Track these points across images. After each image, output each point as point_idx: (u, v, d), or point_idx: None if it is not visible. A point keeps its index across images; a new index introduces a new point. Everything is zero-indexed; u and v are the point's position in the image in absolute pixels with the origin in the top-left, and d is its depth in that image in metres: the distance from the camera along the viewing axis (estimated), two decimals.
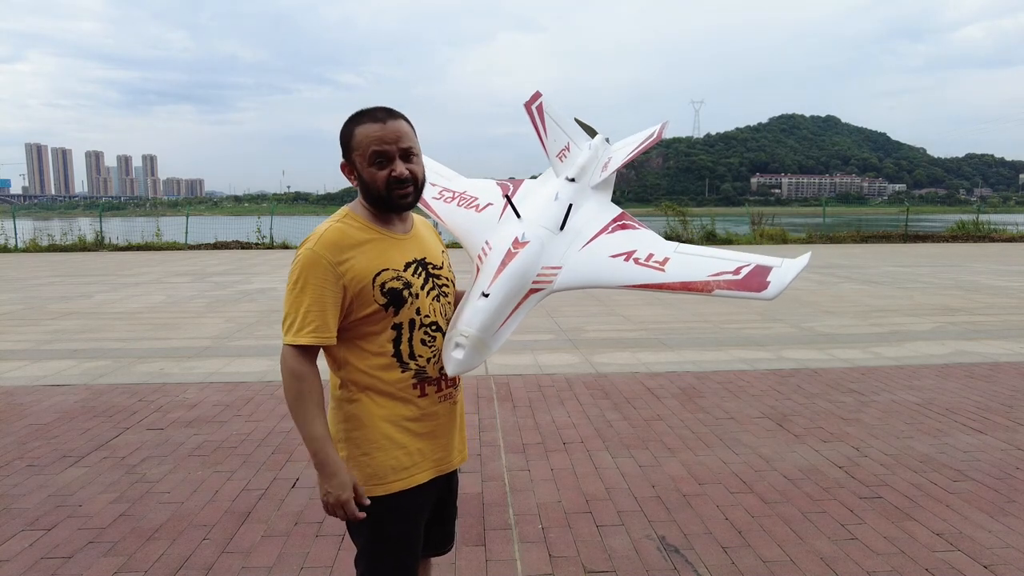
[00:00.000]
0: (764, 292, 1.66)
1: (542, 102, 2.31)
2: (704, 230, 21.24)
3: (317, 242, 1.58)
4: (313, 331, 1.54)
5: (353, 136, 1.62)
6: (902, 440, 4.05)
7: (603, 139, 2.44)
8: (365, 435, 1.63)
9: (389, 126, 1.60)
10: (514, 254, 1.82)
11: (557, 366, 5.90)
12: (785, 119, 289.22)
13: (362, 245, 1.61)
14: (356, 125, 1.62)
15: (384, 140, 1.59)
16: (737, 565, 2.70)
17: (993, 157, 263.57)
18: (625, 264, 1.86)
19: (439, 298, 1.73)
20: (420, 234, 1.78)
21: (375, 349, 1.63)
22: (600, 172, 2.25)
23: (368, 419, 1.63)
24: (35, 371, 5.78)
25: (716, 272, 1.75)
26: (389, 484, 1.64)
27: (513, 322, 1.78)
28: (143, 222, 28.04)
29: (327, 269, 1.55)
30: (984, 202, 71.28)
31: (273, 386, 5.26)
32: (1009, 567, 2.65)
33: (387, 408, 1.64)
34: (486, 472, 3.62)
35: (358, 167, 1.63)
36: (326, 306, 1.55)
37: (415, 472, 1.68)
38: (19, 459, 3.82)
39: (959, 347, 6.48)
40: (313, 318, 1.54)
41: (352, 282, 1.57)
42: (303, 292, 1.55)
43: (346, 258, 1.57)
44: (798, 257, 1.75)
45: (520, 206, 2.04)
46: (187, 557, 2.77)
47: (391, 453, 1.64)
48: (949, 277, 11.91)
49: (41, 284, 11.74)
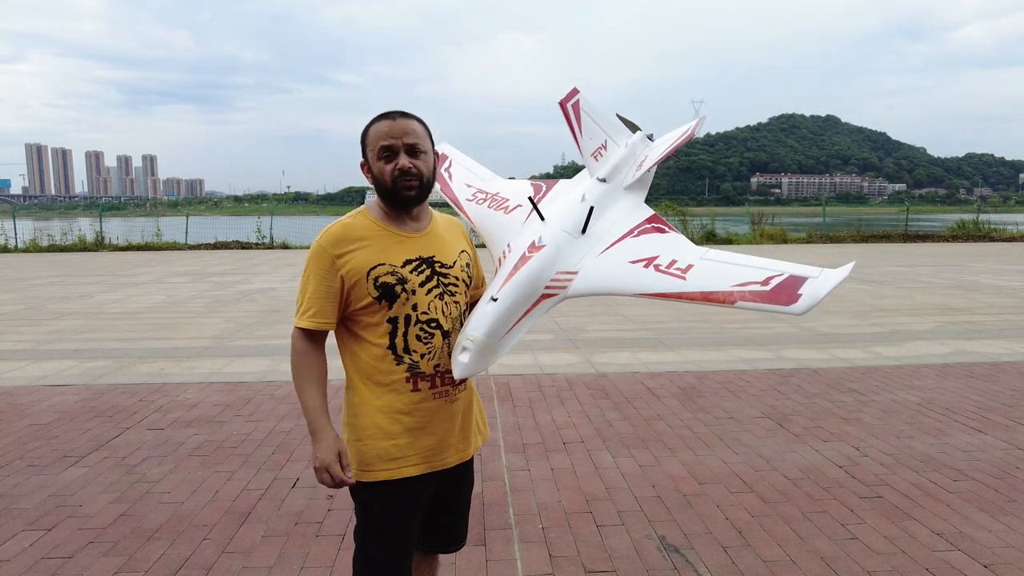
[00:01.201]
0: (793, 306, 1.51)
1: (579, 99, 2.18)
2: (704, 230, 21.23)
3: (323, 236, 1.70)
4: (312, 316, 1.68)
5: (367, 135, 1.71)
6: (902, 440, 4.05)
7: (643, 136, 2.32)
8: (360, 422, 1.72)
9: (398, 123, 1.68)
10: (528, 258, 1.80)
11: (557, 366, 5.90)
12: (785, 119, 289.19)
13: (364, 240, 1.70)
14: (372, 124, 1.71)
15: (391, 135, 1.67)
16: (737, 565, 2.70)
17: (993, 157, 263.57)
18: (644, 271, 1.76)
19: (443, 296, 1.75)
20: (437, 233, 1.81)
21: (373, 340, 1.71)
22: (635, 171, 2.15)
23: (363, 407, 1.72)
24: (35, 371, 5.78)
25: (742, 282, 1.62)
26: (376, 472, 1.71)
27: (522, 328, 1.76)
28: (143, 222, 28.06)
29: (328, 261, 1.67)
30: (984, 202, 71.33)
31: (273, 386, 5.27)
32: (1009, 566, 2.65)
33: (382, 399, 1.71)
34: (486, 472, 3.62)
35: (371, 163, 1.71)
36: (325, 294, 1.68)
37: (404, 465, 1.72)
38: (19, 459, 3.82)
39: (959, 347, 6.48)
40: (312, 304, 1.68)
41: (349, 274, 1.67)
42: (308, 281, 1.69)
43: (346, 251, 1.67)
44: (839, 268, 1.60)
45: (547, 208, 1.98)
46: (187, 557, 2.77)
47: (379, 442, 1.70)
48: (949, 277, 11.91)
49: (41, 284, 11.74)
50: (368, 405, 1.71)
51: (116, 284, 11.69)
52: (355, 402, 1.73)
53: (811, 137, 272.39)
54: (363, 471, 1.71)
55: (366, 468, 1.71)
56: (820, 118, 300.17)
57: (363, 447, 1.71)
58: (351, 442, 1.73)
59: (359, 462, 1.71)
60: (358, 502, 1.78)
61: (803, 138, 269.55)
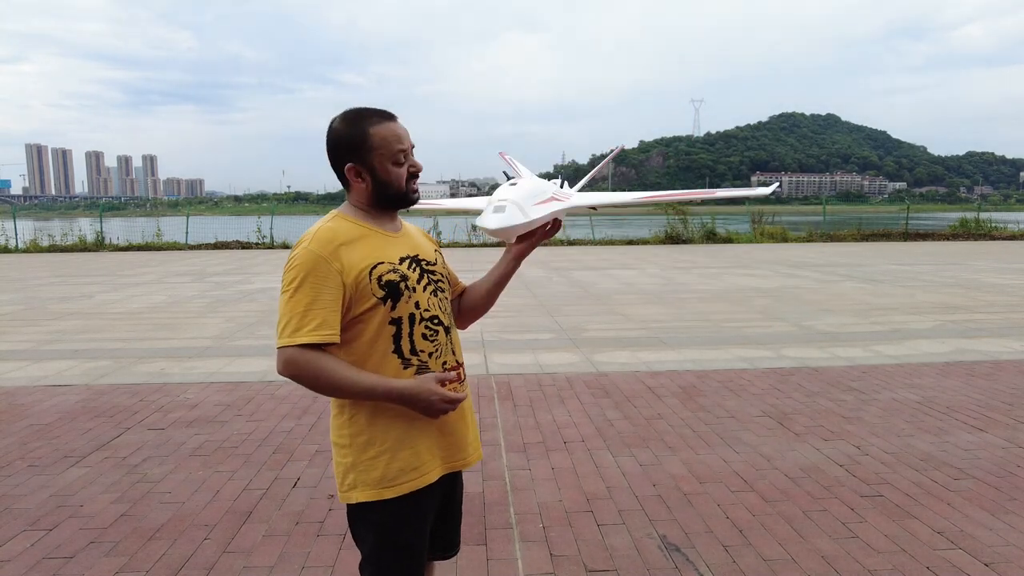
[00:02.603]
0: None
1: None
2: (704, 228, 21.23)
3: (312, 241, 1.56)
4: (314, 329, 1.51)
5: (369, 136, 1.60)
6: (903, 438, 4.05)
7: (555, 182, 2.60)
8: (371, 438, 1.61)
9: (400, 124, 1.65)
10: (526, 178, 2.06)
11: (558, 365, 5.90)
12: (785, 117, 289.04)
13: (356, 241, 1.60)
14: (369, 125, 1.61)
15: (403, 138, 1.64)
16: (738, 564, 2.70)
17: (994, 155, 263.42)
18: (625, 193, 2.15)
19: (436, 293, 1.72)
20: (411, 234, 1.78)
21: (376, 347, 1.61)
22: None
23: (374, 421, 1.61)
24: (36, 371, 5.78)
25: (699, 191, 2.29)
26: (400, 486, 1.62)
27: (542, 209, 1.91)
28: (143, 222, 28.08)
29: (326, 267, 1.53)
30: (985, 200, 71.19)
31: (274, 386, 5.27)
32: (1010, 565, 2.65)
33: (392, 408, 1.61)
34: (487, 471, 3.62)
35: (376, 167, 1.62)
36: (327, 303, 1.53)
37: (425, 472, 1.65)
38: (20, 459, 3.82)
39: (960, 345, 6.47)
40: (315, 316, 1.52)
41: (349, 277, 1.56)
42: (301, 291, 1.52)
43: (342, 254, 1.56)
44: None
45: None
46: (188, 557, 2.77)
47: (399, 454, 1.62)
48: (950, 275, 11.91)
49: (42, 284, 11.74)
50: (376, 417, 1.61)
51: (116, 284, 11.70)
52: (359, 417, 1.61)
53: (811, 136, 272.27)
54: (386, 488, 1.60)
55: (389, 484, 1.60)
56: (820, 117, 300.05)
57: (380, 463, 1.61)
58: (364, 461, 1.61)
59: (381, 479, 1.60)
60: (370, 526, 1.65)
61: (803, 137, 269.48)
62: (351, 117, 1.63)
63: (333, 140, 1.63)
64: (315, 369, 1.52)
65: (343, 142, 1.62)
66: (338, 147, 1.63)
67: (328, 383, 1.53)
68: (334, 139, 1.63)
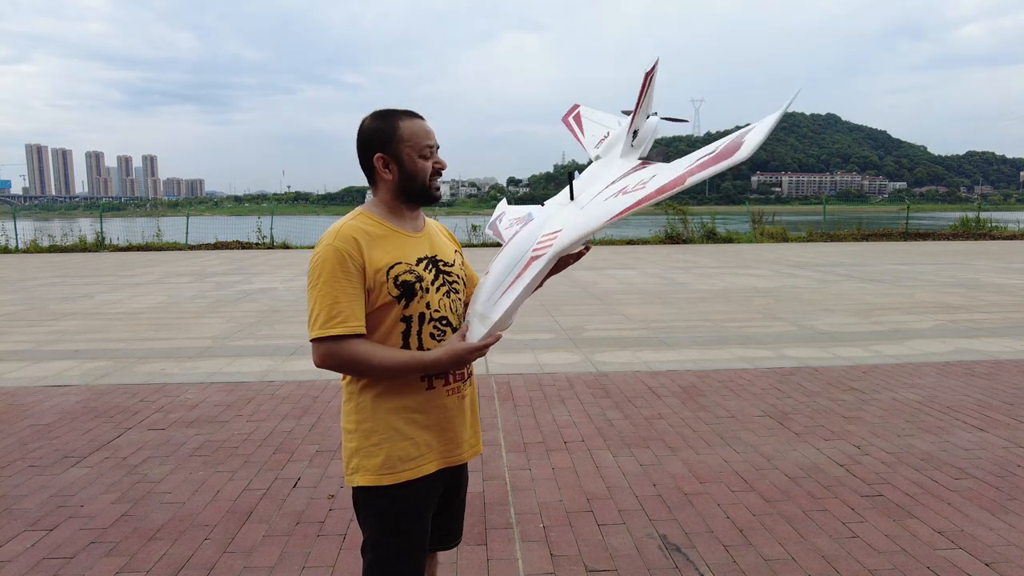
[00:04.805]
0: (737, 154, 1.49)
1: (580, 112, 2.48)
2: (704, 228, 21.23)
3: (336, 237, 1.63)
4: (343, 320, 1.59)
5: (399, 129, 1.69)
6: (903, 438, 4.04)
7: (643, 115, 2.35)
8: (374, 426, 1.68)
9: (428, 123, 1.73)
10: (517, 231, 1.94)
11: (558, 365, 5.90)
12: (785, 117, 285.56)
13: (377, 240, 1.67)
14: (399, 120, 1.70)
15: (431, 135, 1.72)
16: (738, 563, 2.70)
17: (994, 155, 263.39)
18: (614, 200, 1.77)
19: (449, 294, 1.77)
20: (433, 233, 1.84)
21: (386, 342, 1.67)
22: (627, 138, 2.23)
23: (377, 411, 1.68)
24: (36, 372, 5.78)
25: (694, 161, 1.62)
26: (398, 474, 1.68)
27: (514, 291, 1.74)
28: (144, 222, 28.09)
29: (348, 263, 1.61)
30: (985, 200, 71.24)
31: (274, 386, 5.27)
32: (1010, 565, 2.65)
33: (395, 400, 1.68)
34: (487, 471, 3.62)
35: (404, 158, 1.69)
36: (353, 297, 1.61)
37: (422, 463, 1.71)
38: (21, 460, 3.82)
39: (960, 345, 6.47)
40: (342, 309, 1.60)
41: (369, 274, 1.63)
42: (328, 286, 1.60)
43: (364, 251, 1.63)
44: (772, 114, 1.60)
45: None
46: (189, 557, 2.77)
47: (398, 444, 1.68)
48: (950, 275, 11.91)
49: (42, 285, 11.74)
50: (380, 408, 1.68)
51: (117, 284, 11.70)
52: (364, 406, 1.69)
53: (811, 136, 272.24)
54: (384, 474, 1.67)
55: (388, 471, 1.67)
56: (820, 116, 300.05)
57: (381, 451, 1.67)
58: (366, 448, 1.68)
59: (380, 466, 1.67)
60: (371, 510, 1.72)
61: (803, 136, 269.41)
62: (381, 113, 1.73)
63: (364, 135, 1.72)
64: (350, 355, 1.60)
65: (374, 135, 1.71)
66: (368, 140, 1.71)
67: (367, 366, 1.62)
68: (365, 133, 1.72)
